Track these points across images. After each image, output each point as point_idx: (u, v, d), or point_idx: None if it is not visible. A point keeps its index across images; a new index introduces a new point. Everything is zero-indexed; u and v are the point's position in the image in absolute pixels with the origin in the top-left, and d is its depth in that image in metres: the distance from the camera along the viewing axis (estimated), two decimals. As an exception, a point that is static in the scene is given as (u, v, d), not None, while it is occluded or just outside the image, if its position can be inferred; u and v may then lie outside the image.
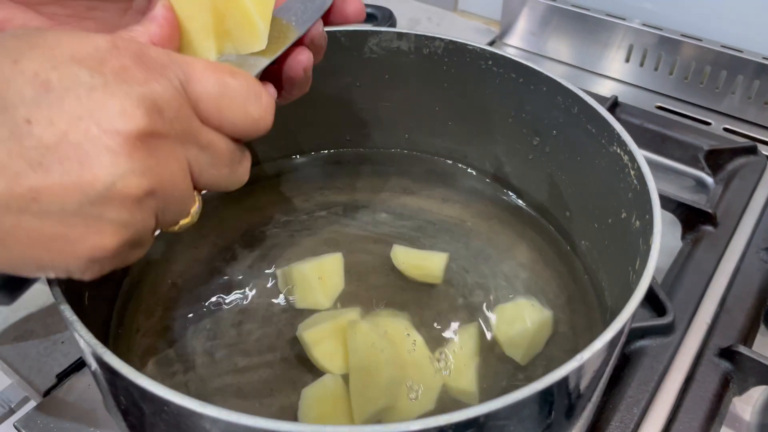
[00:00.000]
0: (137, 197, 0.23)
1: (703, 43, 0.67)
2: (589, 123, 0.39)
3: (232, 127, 0.27)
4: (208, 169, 0.26)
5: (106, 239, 0.23)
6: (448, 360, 0.39)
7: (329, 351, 0.38)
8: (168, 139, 0.24)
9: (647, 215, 0.32)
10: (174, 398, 0.23)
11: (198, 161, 0.26)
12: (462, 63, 0.45)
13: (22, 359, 0.45)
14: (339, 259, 0.44)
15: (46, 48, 0.22)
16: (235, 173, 0.28)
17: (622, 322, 0.26)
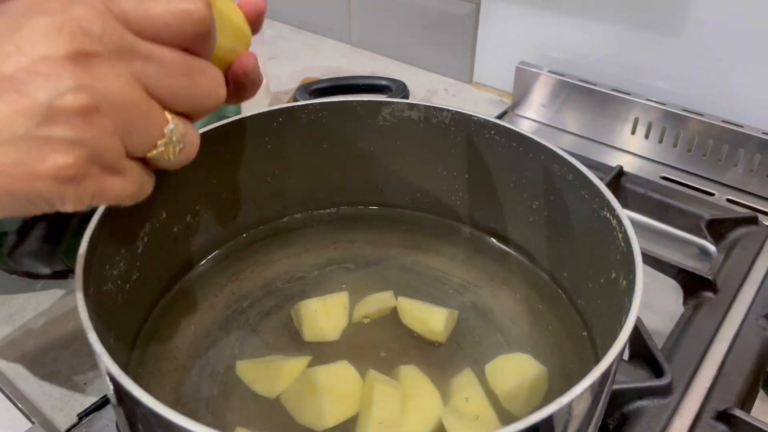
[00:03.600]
0: (78, 112, 0.24)
1: (705, 118, 0.70)
2: (582, 189, 0.41)
3: (167, 29, 0.26)
4: (162, 79, 0.26)
5: (62, 156, 0.24)
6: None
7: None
8: (101, 56, 0.25)
9: (631, 275, 0.34)
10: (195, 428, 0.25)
11: (146, 73, 0.26)
12: (467, 132, 0.48)
13: (47, 398, 0.48)
14: (345, 296, 0.46)
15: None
16: (198, 83, 0.28)
17: (601, 371, 0.28)
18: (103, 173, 0.26)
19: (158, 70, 0.26)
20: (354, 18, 0.99)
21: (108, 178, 0.26)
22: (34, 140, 0.23)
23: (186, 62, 0.27)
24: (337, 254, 0.53)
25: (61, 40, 0.24)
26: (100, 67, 0.24)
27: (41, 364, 0.50)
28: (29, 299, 0.56)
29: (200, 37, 0.27)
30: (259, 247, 0.53)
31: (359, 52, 1.00)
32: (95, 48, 0.24)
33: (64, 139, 0.24)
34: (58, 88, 0.24)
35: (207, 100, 0.28)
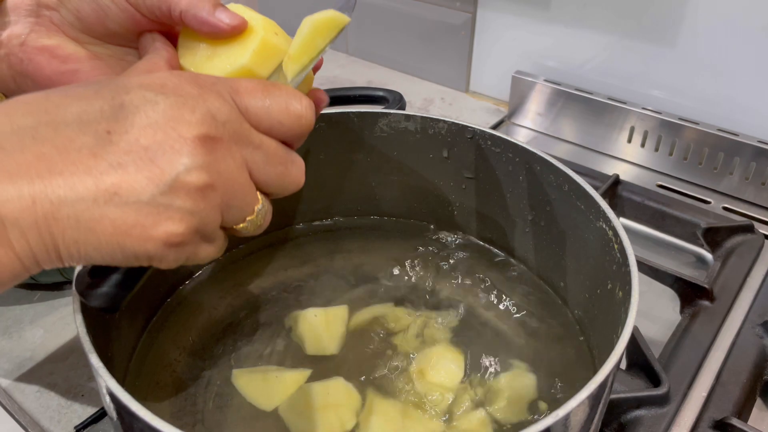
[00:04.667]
0: (199, 188, 0.27)
1: (701, 126, 0.70)
2: (578, 200, 0.42)
3: (280, 126, 0.31)
4: (263, 166, 0.30)
5: (175, 225, 0.27)
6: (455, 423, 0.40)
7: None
8: (223, 141, 0.28)
9: (627, 286, 0.34)
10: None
11: (254, 159, 0.30)
12: (463, 142, 0.48)
13: (44, 410, 0.48)
14: (344, 309, 0.46)
15: (118, 82, 0.28)
16: (289, 172, 0.32)
17: (597, 383, 0.28)
18: (200, 241, 0.29)
19: (264, 159, 0.30)
20: (350, 28, 0.99)
21: (202, 245, 0.29)
22: (154, 206, 0.26)
23: (285, 154, 0.31)
24: (335, 264, 0.53)
25: (193, 122, 0.27)
26: (220, 150, 0.28)
27: (38, 376, 0.50)
28: (26, 311, 0.56)
29: (302, 136, 0.32)
30: (256, 257, 0.53)
31: (356, 61, 1.00)
32: (219, 133, 0.28)
33: (181, 209, 0.27)
34: (185, 164, 0.27)
35: (292, 186, 0.32)
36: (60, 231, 0.25)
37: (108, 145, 0.26)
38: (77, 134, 0.26)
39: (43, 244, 0.25)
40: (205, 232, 0.29)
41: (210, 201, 0.28)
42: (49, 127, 0.26)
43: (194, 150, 0.27)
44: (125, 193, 0.26)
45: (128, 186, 0.26)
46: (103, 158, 0.26)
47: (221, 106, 0.29)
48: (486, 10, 0.83)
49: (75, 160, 0.26)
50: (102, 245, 0.26)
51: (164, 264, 0.28)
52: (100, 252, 0.27)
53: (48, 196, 0.25)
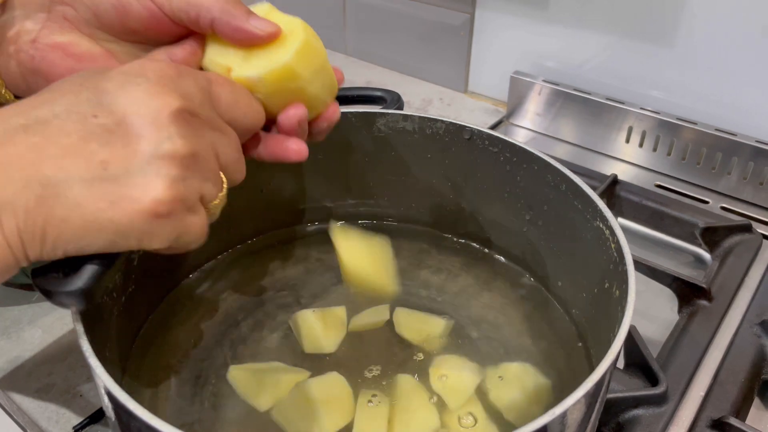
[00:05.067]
0: (183, 155, 0.28)
1: (699, 126, 0.70)
2: (575, 199, 0.42)
3: (242, 118, 0.34)
4: (226, 150, 0.32)
5: (161, 192, 0.28)
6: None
7: None
8: (198, 119, 0.30)
9: (624, 285, 0.34)
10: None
11: (220, 142, 0.31)
12: (461, 142, 0.48)
13: (42, 410, 0.48)
14: (343, 310, 0.47)
15: (102, 71, 0.30)
16: (242, 161, 0.34)
17: (593, 381, 0.28)
18: (186, 212, 0.29)
19: (227, 144, 0.32)
20: (349, 28, 0.99)
21: (188, 216, 0.30)
22: (142, 176, 0.27)
23: (239, 143, 0.34)
24: (333, 265, 0.53)
25: (174, 96, 0.29)
26: (195, 126, 0.30)
27: (37, 376, 0.50)
28: (25, 311, 0.56)
29: (253, 131, 0.35)
30: (253, 258, 0.53)
31: (354, 61, 1.00)
32: (196, 111, 0.30)
33: (167, 176, 0.28)
34: (169, 134, 0.28)
35: (240, 176, 0.34)
36: (48, 209, 0.26)
37: (96, 127, 0.27)
38: (65, 123, 0.27)
39: (32, 227, 0.26)
40: (190, 201, 0.29)
41: (191, 170, 0.29)
42: (38, 122, 0.27)
43: (176, 121, 0.28)
44: (113, 166, 0.27)
45: (116, 159, 0.27)
46: (92, 139, 0.27)
47: (197, 90, 0.31)
48: (485, 11, 0.83)
49: (65, 145, 0.27)
50: (90, 223, 0.27)
51: (155, 242, 0.29)
52: (87, 232, 0.27)
53: (38, 179, 0.26)
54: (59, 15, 0.36)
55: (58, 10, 0.36)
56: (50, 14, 0.36)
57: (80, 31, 0.36)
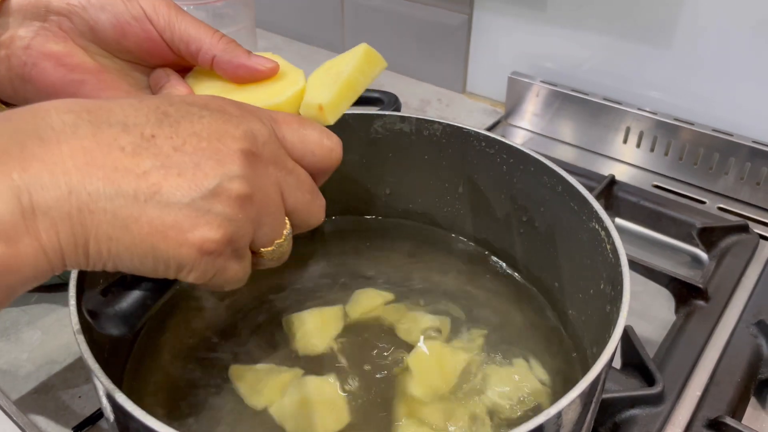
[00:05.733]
0: (239, 197, 0.27)
1: (696, 127, 0.70)
2: (571, 201, 0.42)
3: (311, 156, 0.32)
4: (294, 191, 0.31)
5: (212, 230, 0.27)
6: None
7: None
8: (262, 158, 0.29)
9: (619, 286, 0.35)
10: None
11: (287, 183, 0.30)
12: (458, 144, 0.49)
13: (41, 411, 0.48)
14: (339, 310, 0.47)
15: (162, 96, 0.29)
16: (315, 203, 0.32)
17: (588, 381, 0.28)
18: (231, 255, 0.28)
19: (295, 184, 0.31)
20: (347, 29, 0.99)
21: (232, 261, 0.29)
22: (194, 209, 0.26)
23: (313, 184, 0.32)
24: (330, 266, 0.53)
25: (237, 136, 0.28)
26: (259, 167, 0.29)
27: (36, 377, 0.50)
28: (23, 312, 0.56)
29: (330, 170, 0.34)
30: (252, 259, 0.53)
31: (353, 62, 1.00)
32: (259, 151, 0.29)
33: (220, 215, 0.27)
34: (228, 172, 0.27)
35: (314, 219, 0.33)
36: (94, 225, 0.25)
37: (152, 147, 0.26)
38: (120, 134, 0.26)
39: (73, 238, 0.25)
40: (238, 245, 0.28)
41: (247, 212, 0.28)
42: (91, 125, 0.26)
43: (237, 161, 0.27)
44: (167, 193, 0.26)
45: (170, 187, 0.26)
46: (147, 159, 0.26)
47: (261, 127, 0.30)
48: (482, 12, 0.83)
49: (117, 157, 0.25)
50: (135, 246, 0.26)
51: (193, 275, 0.28)
52: (131, 253, 0.26)
53: (86, 188, 0.24)
54: (55, 24, 0.36)
55: (54, 20, 0.36)
56: (45, 23, 0.36)
57: (74, 42, 0.36)
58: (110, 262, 0.26)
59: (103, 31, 0.36)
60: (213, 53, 0.36)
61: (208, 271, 0.28)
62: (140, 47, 0.37)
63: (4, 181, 0.23)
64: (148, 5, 0.36)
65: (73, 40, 0.36)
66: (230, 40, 0.37)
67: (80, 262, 0.25)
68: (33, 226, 0.24)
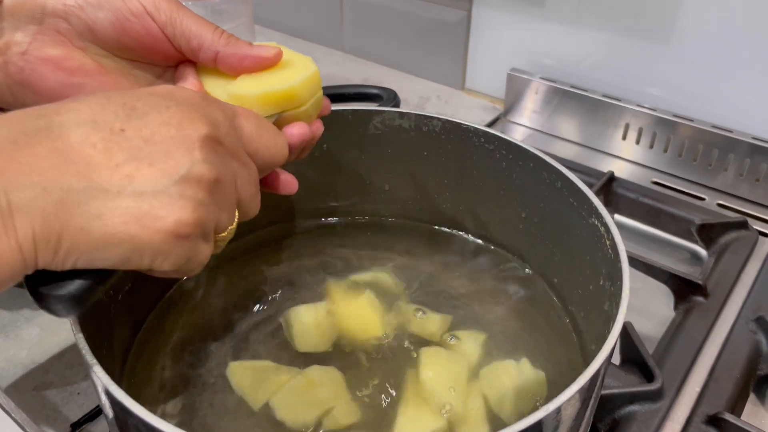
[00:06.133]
0: (209, 181, 0.28)
1: (695, 123, 0.70)
2: (571, 196, 0.42)
3: (264, 151, 0.33)
4: (244, 184, 0.32)
5: (186, 214, 0.27)
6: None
7: None
8: (223, 148, 0.30)
9: (619, 281, 0.35)
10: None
11: (240, 174, 0.31)
12: (457, 140, 0.49)
13: (39, 408, 0.48)
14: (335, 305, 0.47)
15: (128, 91, 0.30)
16: (257, 197, 0.33)
17: (588, 377, 0.28)
18: (200, 238, 0.29)
19: (247, 177, 0.32)
20: (347, 25, 0.99)
21: (201, 244, 0.29)
22: (167, 195, 0.27)
23: (257, 178, 0.33)
24: (329, 262, 0.53)
25: (203, 123, 0.29)
26: (221, 154, 0.30)
27: (34, 374, 0.50)
28: (22, 310, 0.56)
29: (275, 167, 0.35)
30: (251, 257, 0.53)
31: (352, 59, 1.00)
32: (222, 139, 0.30)
33: (193, 199, 0.28)
34: (198, 158, 0.28)
35: (254, 211, 0.34)
36: (67, 217, 0.25)
37: (122, 141, 0.27)
38: (91, 132, 0.27)
39: (47, 233, 0.25)
40: (207, 228, 0.29)
41: (215, 196, 0.29)
42: (62, 127, 0.26)
43: (204, 146, 0.28)
44: (139, 182, 0.26)
45: (143, 176, 0.27)
46: (118, 152, 0.27)
47: (224, 119, 0.31)
48: (481, 8, 0.83)
49: (89, 154, 0.26)
50: (109, 236, 0.26)
51: (166, 263, 0.28)
52: (104, 244, 0.26)
53: (59, 184, 0.25)
54: (51, 27, 0.36)
55: (50, 22, 0.36)
56: (41, 26, 0.36)
57: (72, 44, 0.36)
58: (82, 256, 0.26)
59: (102, 30, 0.36)
60: (216, 49, 0.37)
61: (182, 256, 0.28)
62: (141, 44, 0.37)
63: None
64: (147, 1, 0.36)
65: (72, 42, 0.36)
66: (230, 35, 0.38)
67: (50, 257, 0.26)
68: (11, 226, 0.24)
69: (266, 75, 0.37)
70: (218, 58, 0.37)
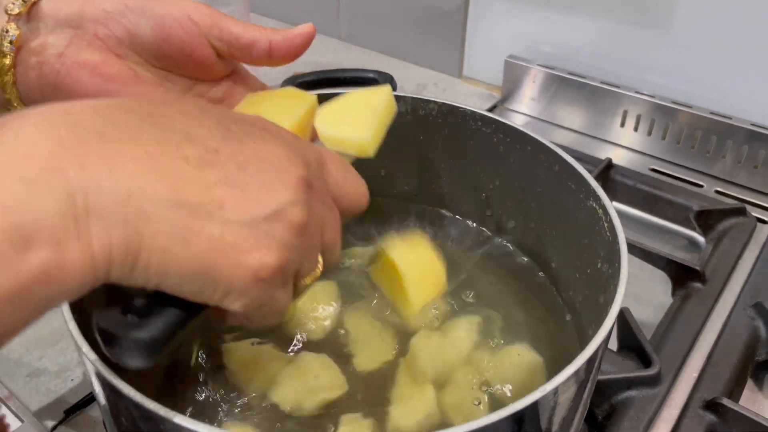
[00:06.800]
0: (299, 223, 0.26)
1: (694, 110, 0.70)
2: (568, 180, 0.41)
3: (347, 198, 0.32)
4: (329, 229, 0.30)
5: (271, 254, 0.25)
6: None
7: None
8: (314, 191, 0.28)
9: (617, 263, 0.34)
10: (171, 417, 0.25)
11: (327, 220, 0.29)
12: (454, 124, 0.48)
13: (33, 394, 0.47)
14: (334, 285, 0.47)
15: (220, 110, 0.28)
16: (339, 244, 0.31)
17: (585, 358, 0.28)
18: (280, 284, 0.27)
19: (331, 222, 0.30)
20: (343, 13, 0.98)
21: (279, 291, 0.27)
22: (256, 230, 0.25)
23: (340, 225, 0.31)
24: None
25: (298, 164, 0.27)
26: (312, 197, 0.28)
27: (28, 360, 0.50)
28: (16, 296, 0.55)
29: (355, 214, 0.33)
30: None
31: (348, 47, 1.00)
32: (313, 182, 0.28)
33: (279, 240, 0.26)
34: (291, 197, 0.26)
35: (335, 258, 0.32)
36: (150, 234, 0.23)
37: (216, 162, 0.25)
38: (184, 143, 0.24)
39: (126, 247, 0.23)
40: (288, 273, 0.27)
41: (302, 240, 0.27)
42: (155, 128, 0.24)
43: (299, 187, 0.27)
44: (230, 210, 0.24)
45: (234, 204, 0.24)
46: (211, 172, 0.24)
47: (314, 161, 0.29)
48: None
49: (181, 166, 0.24)
50: (189, 261, 0.24)
51: (239, 303, 0.26)
52: (181, 270, 0.24)
53: (147, 194, 0.23)
54: (90, 32, 0.35)
55: (89, 27, 0.35)
56: (79, 30, 0.35)
57: (111, 50, 0.35)
58: (156, 277, 0.24)
59: (143, 36, 0.35)
60: (268, 39, 0.36)
61: (256, 299, 0.26)
62: (181, 51, 0.36)
63: (57, 178, 0.21)
64: (190, 7, 0.36)
65: (110, 49, 0.35)
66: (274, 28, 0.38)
67: (125, 273, 0.23)
68: (85, 231, 0.22)
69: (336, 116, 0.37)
70: (272, 47, 0.36)
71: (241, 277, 0.25)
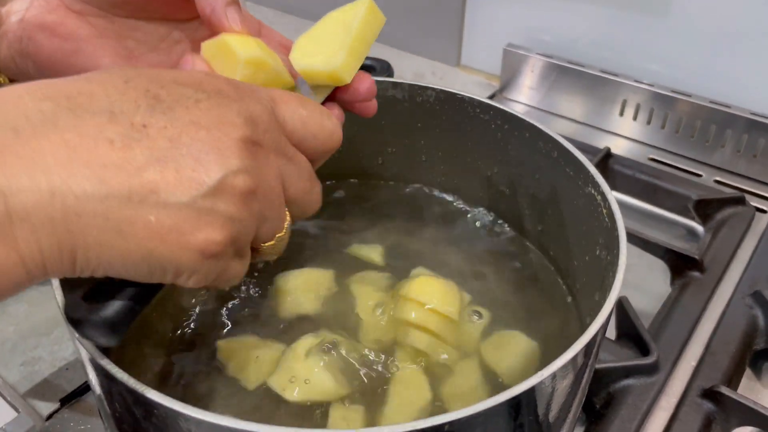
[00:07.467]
0: (243, 193, 0.25)
1: (693, 99, 0.70)
2: (567, 166, 0.41)
3: (312, 139, 0.29)
4: (294, 180, 0.28)
5: (216, 231, 0.24)
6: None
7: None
8: (263, 148, 0.26)
9: (616, 249, 0.34)
10: (162, 401, 0.25)
11: (287, 171, 0.28)
12: (452, 110, 0.48)
13: (28, 384, 0.47)
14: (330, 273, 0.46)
15: (150, 74, 0.26)
16: (314, 190, 0.30)
17: (583, 344, 0.28)
18: (233, 255, 0.26)
19: (296, 172, 0.28)
20: (339, 1, 0.97)
21: (233, 261, 0.26)
22: (195, 209, 0.24)
23: (311, 170, 0.30)
24: (322, 232, 0.52)
25: (238, 123, 0.25)
26: (260, 156, 0.26)
27: (23, 350, 0.50)
28: (10, 285, 0.55)
29: (329, 154, 0.31)
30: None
31: (346, 36, 0.99)
32: (260, 139, 0.26)
33: (224, 215, 0.24)
34: (231, 166, 0.24)
35: (312, 207, 0.30)
36: (82, 231, 0.22)
37: (144, 139, 0.23)
38: (107, 124, 0.23)
39: (58, 246, 0.22)
40: (240, 244, 0.26)
41: (251, 209, 0.26)
42: (72, 113, 0.23)
43: (240, 152, 0.25)
44: (164, 192, 0.23)
45: (168, 185, 0.23)
46: (139, 153, 0.23)
47: (261, 112, 0.27)
48: (477, -17, 0.82)
49: (105, 152, 0.22)
50: (129, 252, 0.23)
51: (191, 280, 0.25)
52: (124, 260, 0.23)
53: (71, 189, 0.21)
54: None
55: None
56: None
57: (68, 8, 0.34)
58: (100, 269, 0.23)
59: None
60: None
61: (209, 274, 0.25)
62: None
63: None
64: None
65: (67, 6, 0.34)
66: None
67: (65, 271, 0.23)
68: (10, 235, 0.21)
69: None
70: None
71: (189, 259, 0.24)
